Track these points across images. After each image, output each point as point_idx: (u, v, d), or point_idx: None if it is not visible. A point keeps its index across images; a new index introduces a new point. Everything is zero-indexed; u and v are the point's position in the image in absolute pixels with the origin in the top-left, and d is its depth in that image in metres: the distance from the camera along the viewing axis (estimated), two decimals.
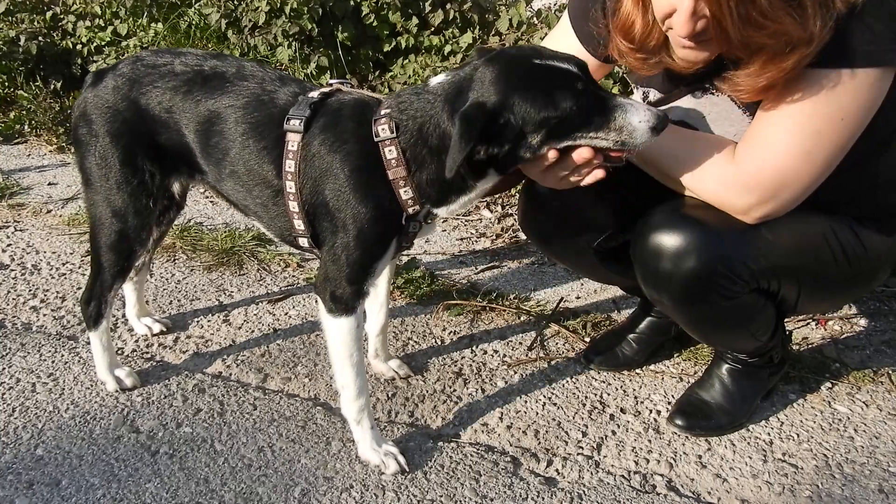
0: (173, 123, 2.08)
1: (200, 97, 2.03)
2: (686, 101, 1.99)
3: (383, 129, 1.83)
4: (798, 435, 2.27)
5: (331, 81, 2.05)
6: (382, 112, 1.85)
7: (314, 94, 1.95)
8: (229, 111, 2.00)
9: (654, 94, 2.06)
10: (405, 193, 1.86)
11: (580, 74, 1.71)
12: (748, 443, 2.23)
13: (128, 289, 2.67)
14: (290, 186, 1.93)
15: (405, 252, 2.03)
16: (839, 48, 1.65)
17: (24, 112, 4.86)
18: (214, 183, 2.12)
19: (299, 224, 1.98)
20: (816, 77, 1.68)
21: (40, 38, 5.16)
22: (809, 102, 1.70)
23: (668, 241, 1.90)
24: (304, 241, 2.02)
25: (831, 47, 1.64)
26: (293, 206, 1.95)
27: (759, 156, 1.78)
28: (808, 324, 2.84)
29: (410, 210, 1.89)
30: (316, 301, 2.05)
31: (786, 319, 2.33)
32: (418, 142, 1.82)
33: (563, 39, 2.11)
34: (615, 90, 3.37)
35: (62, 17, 5.31)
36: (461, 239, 3.59)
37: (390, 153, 1.83)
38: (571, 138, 1.73)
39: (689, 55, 1.75)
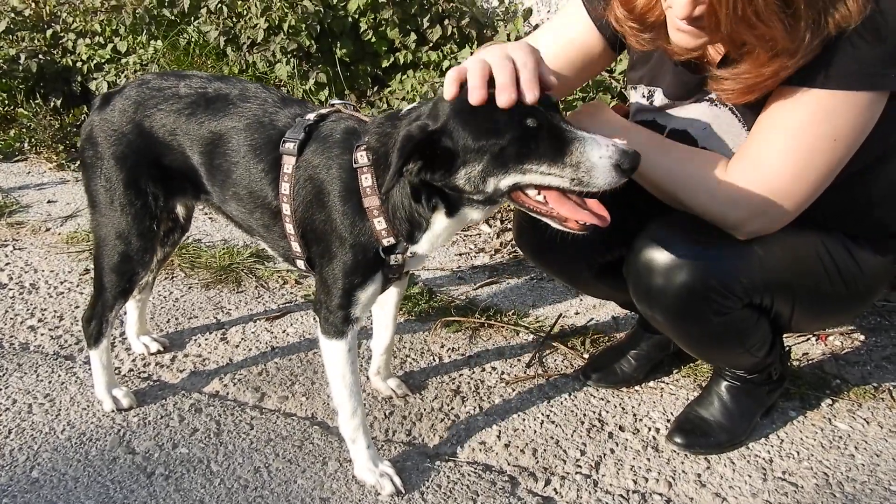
0: (177, 146, 2.09)
1: (204, 119, 2.05)
2: (690, 111, 1.99)
3: (361, 156, 1.82)
4: (798, 453, 2.25)
5: (332, 102, 2.06)
6: (365, 139, 1.84)
7: (310, 117, 1.95)
8: (232, 133, 2.02)
9: (659, 98, 2.05)
10: (379, 224, 1.83)
11: (538, 107, 1.57)
12: (748, 461, 2.21)
13: (130, 307, 2.67)
14: (286, 209, 1.94)
15: (396, 278, 2.00)
16: (835, 70, 1.65)
17: (24, 130, 4.88)
18: (219, 204, 2.13)
19: (295, 246, 1.99)
20: (811, 97, 1.69)
21: (40, 56, 5.19)
22: (803, 122, 1.70)
23: (660, 256, 1.89)
24: (301, 263, 2.03)
25: (827, 68, 1.65)
26: (289, 227, 1.96)
27: (750, 172, 1.78)
28: (809, 339, 2.83)
29: (385, 242, 1.85)
30: (315, 319, 2.05)
31: (785, 335, 2.32)
32: (386, 169, 1.75)
33: (571, 16, 2.08)
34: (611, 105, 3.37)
35: (62, 34, 5.34)
36: (460, 254, 3.59)
37: (366, 181, 1.81)
38: (519, 171, 1.59)
39: (682, 40, 1.73)
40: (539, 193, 1.65)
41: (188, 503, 2.01)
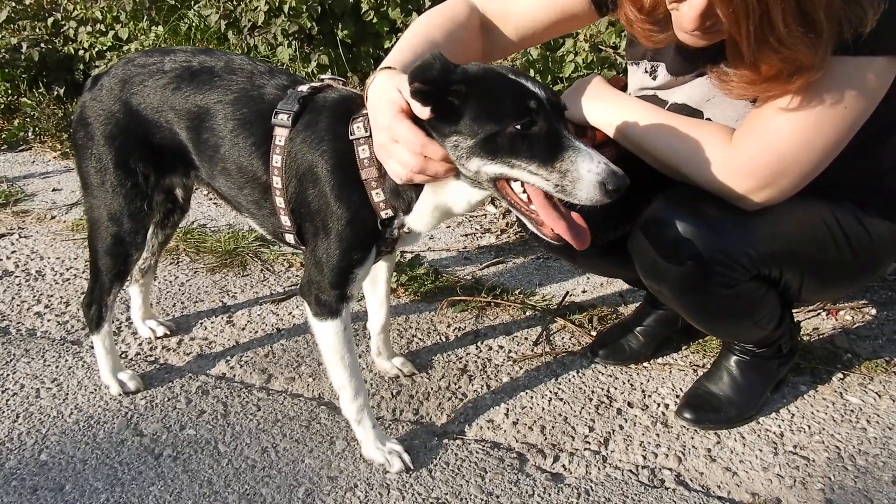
0: (165, 122, 2.06)
1: (189, 93, 2.01)
2: (693, 84, 1.96)
3: (358, 128, 1.79)
4: (809, 427, 2.23)
5: (322, 77, 2.02)
6: (362, 111, 1.81)
7: (304, 88, 1.92)
8: (218, 107, 1.98)
9: (662, 73, 2.01)
10: (377, 196, 1.81)
11: (545, 102, 1.57)
12: (758, 435, 2.20)
13: (133, 291, 2.66)
14: (277, 182, 1.90)
15: (405, 252, 1.97)
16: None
17: (27, 119, 4.88)
18: (208, 180, 2.10)
19: (285, 220, 1.95)
20: None
21: (42, 45, 5.17)
22: (812, 89, 1.66)
23: (666, 231, 1.87)
24: (290, 238, 2.00)
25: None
26: (279, 201, 1.93)
27: (758, 141, 1.75)
28: (819, 314, 2.80)
29: (383, 214, 1.83)
30: (303, 304, 2.02)
31: (795, 309, 2.30)
32: None
33: None
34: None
35: (63, 23, 5.32)
36: (465, 235, 3.56)
37: (363, 152, 1.79)
38: (507, 163, 1.58)
39: (692, 41, 1.71)
40: (524, 191, 1.63)
41: (196, 483, 2.01)
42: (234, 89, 1.98)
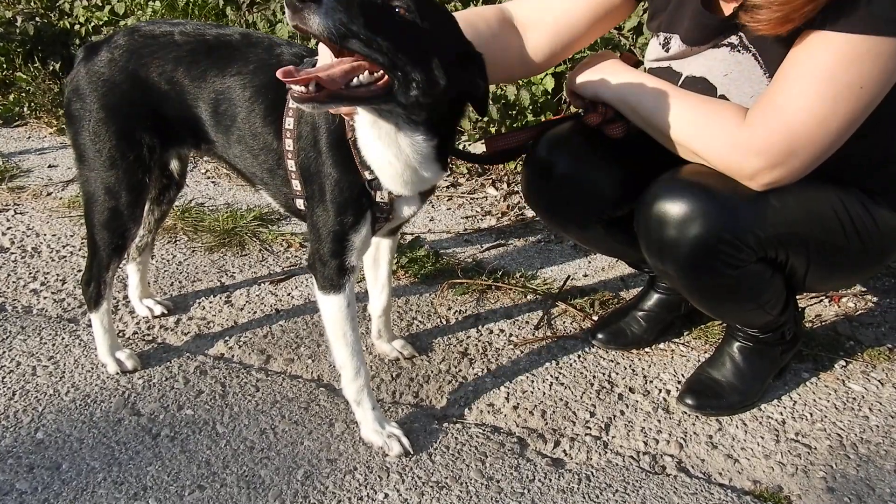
0: (176, 94, 2.03)
1: (207, 66, 2.00)
2: (709, 57, 1.92)
3: None
4: (811, 414, 2.22)
5: None
6: None
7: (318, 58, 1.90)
8: (237, 78, 1.98)
9: (676, 44, 1.97)
10: (356, 156, 1.81)
11: None
12: (760, 422, 2.18)
13: (131, 269, 2.63)
14: (289, 144, 1.90)
15: (384, 219, 1.94)
16: (864, 14, 1.57)
17: (23, 94, 4.81)
18: (222, 152, 2.09)
19: (296, 184, 1.95)
20: (838, 42, 1.61)
21: (37, 19, 5.10)
22: (829, 68, 1.63)
23: (673, 208, 1.84)
24: (300, 203, 1.98)
25: (856, 12, 1.58)
26: (291, 164, 1.92)
27: (772, 119, 1.71)
28: (822, 300, 2.78)
29: (367, 175, 1.83)
30: (302, 285, 2.00)
31: (798, 296, 2.28)
32: None
33: None
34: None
35: None
36: (466, 217, 3.53)
37: None
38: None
39: None
40: None
41: (194, 464, 1.99)
42: (253, 59, 1.98)
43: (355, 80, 1.52)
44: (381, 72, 1.53)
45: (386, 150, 1.75)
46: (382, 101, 1.60)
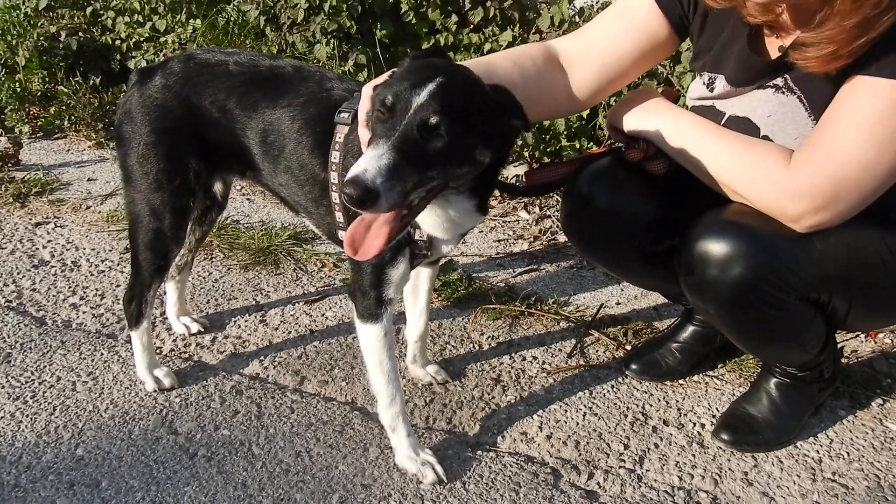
0: (227, 122, 2.09)
1: (259, 97, 2.05)
2: (753, 97, 1.93)
3: None
4: (848, 453, 2.19)
5: None
6: None
7: None
8: (287, 110, 2.02)
9: (721, 84, 1.98)
10: None
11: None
12: (796, 460, 2.16)
13: (169, 287, 2.68)
14: (334, 177, 1.93)
15: (423, 255, 1.96)
16: None
17: (63, 107, 4.91)
18: (268, 180, 2.14)
19: (339, 216, 1.98)
20: (885, 88, 1.62)
21: (80, 34, 5.21)
22: (875, 113, 1.63)
23: (715, 248, 1.84)
24: (342, 234, 2.00)
25: None
26: (335, 196, 1.95)
27: (817, 162, 1.71)
28: (858, 336, 2.75)
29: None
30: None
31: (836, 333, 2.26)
32: None
33: (633, 1, 2.05)
34: (659, 89, 3.30)
35: (102, 12, 5.36)
36: (498, 241, 3.55)
37: None
38: None
39: (756, 9, 1.69)
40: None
41: (231, 486, 2.01)
42: (304, 93, 2.03)
43: (413, 198, 1.57)
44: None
45: (429, 210, 1.77)
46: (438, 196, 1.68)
